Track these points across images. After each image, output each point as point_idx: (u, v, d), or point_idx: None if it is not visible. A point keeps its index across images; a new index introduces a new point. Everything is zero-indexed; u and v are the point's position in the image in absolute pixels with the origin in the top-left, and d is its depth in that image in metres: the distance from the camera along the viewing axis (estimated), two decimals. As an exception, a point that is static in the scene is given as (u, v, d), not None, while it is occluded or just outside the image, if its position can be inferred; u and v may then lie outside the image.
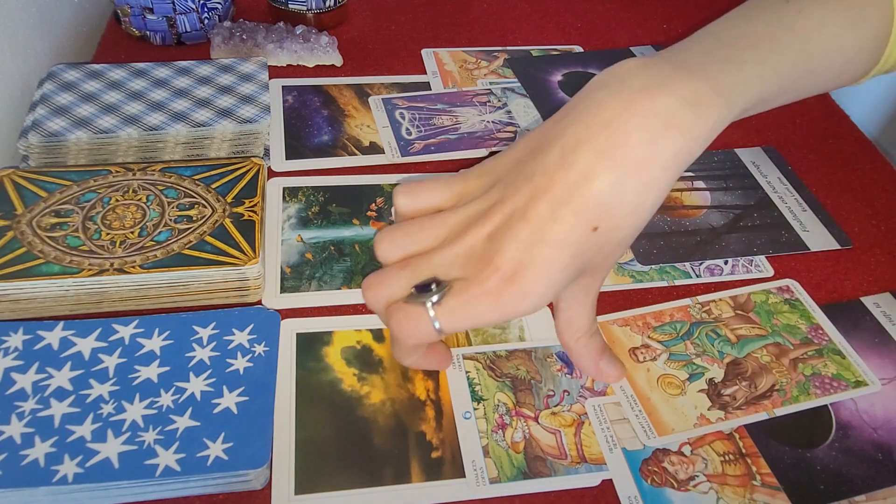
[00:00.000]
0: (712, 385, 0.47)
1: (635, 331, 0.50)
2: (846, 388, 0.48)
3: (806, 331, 0.51)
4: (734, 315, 0.52)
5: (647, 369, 0.48)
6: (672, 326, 0.51)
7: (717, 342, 0.50)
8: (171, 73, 0.67)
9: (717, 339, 0.50)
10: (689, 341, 0.50)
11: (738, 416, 0.46)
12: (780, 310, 0.52)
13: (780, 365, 0.49)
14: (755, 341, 0.50)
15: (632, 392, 0.47)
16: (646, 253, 0.57)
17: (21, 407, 0.43)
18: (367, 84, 0.73)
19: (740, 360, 0.49)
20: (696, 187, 0.63)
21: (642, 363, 0.48)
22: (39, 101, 0.62)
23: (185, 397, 0.44)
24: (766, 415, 0.46)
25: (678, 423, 0.45)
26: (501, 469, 0.43)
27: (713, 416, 0.46)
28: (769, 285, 0.54)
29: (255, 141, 0.62)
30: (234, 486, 0.42)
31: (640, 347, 0.49)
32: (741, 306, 0.52)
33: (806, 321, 0.52)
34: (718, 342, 0.50)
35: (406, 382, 0.47)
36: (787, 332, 0.51)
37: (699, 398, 0.47)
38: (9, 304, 0.48)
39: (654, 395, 0.47)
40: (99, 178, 0.56)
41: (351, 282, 0.53)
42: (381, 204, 0.60)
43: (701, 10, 0.89)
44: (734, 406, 0.46)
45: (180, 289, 0.50)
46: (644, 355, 0.49)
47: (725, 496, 0.43)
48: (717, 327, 0.51)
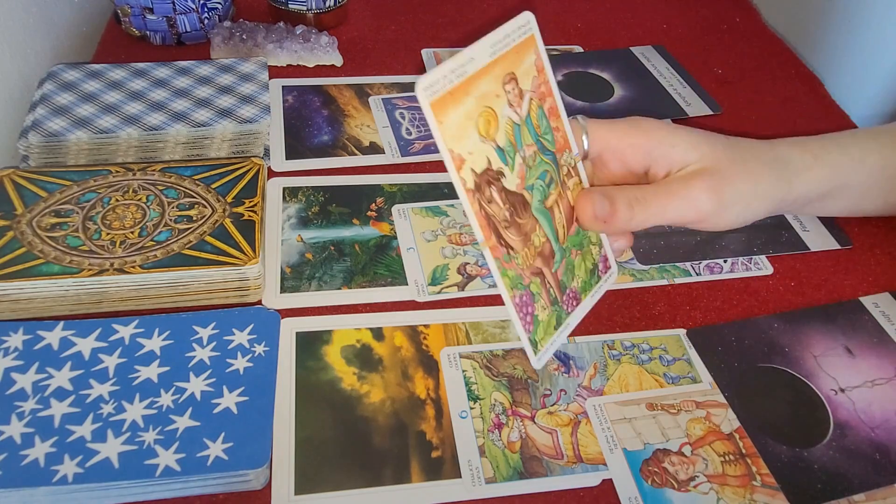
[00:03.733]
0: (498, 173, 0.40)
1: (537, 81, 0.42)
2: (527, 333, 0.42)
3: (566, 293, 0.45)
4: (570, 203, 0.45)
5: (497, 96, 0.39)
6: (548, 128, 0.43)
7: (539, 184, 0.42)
8: (171, 73, 0.67)
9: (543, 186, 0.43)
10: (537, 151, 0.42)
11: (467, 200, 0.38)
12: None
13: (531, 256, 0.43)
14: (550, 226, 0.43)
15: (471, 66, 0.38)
16: (646, 252, 0.57)
17: (21, 407, 0.43)
18: (367, 84, 0.73)
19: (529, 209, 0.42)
20: (695, 187, 0.63)
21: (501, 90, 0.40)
22: (39, 101, 0.62)
23: (185, 397, 0.44)
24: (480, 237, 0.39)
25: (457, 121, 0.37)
26: (497, 469, 0.43)
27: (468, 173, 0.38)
28: None
29: (255, 141, 0.62)
30: (234, 486, 0.42)
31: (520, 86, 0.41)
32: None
33: (581, 289, 0.46)
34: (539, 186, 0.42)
35: (406, 381, 0.47)
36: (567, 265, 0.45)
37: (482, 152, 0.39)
38: (9, 304, 0.49)
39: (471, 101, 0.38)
40: (99, 178, 0.56)
41: (351, 282, 0.53)
42: (381, 204, 0.60)
43: (701, 10, 0.89)
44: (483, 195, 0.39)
45: (180, 289, 0.50)
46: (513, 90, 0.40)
47: (726, 496, 0.43)
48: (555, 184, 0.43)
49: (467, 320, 0.51)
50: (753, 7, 0.91)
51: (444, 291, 0.53)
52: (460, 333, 0.50)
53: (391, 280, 0.54)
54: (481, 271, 0.55)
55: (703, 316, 0.53)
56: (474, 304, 0.53)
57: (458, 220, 0.59)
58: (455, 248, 0.56)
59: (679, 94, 0.74)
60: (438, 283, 0.54)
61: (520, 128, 0.41)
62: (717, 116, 0.72)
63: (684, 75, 0.76)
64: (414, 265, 0.55)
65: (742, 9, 0.90)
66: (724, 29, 0.86)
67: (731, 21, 0.87)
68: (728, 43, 0.83)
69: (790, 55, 0.82)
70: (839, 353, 0.51)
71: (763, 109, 0.74)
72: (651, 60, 0.79)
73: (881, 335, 0.52)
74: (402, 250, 0.56)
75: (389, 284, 0.53)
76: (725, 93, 0.75)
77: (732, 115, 0.72)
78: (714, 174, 0.44)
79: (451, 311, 0.52)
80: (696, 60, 0.79)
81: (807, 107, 0.74)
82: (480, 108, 0.38)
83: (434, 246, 0.56)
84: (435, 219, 0.59)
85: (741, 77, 0.78)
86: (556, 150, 0.43)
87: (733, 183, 0.45)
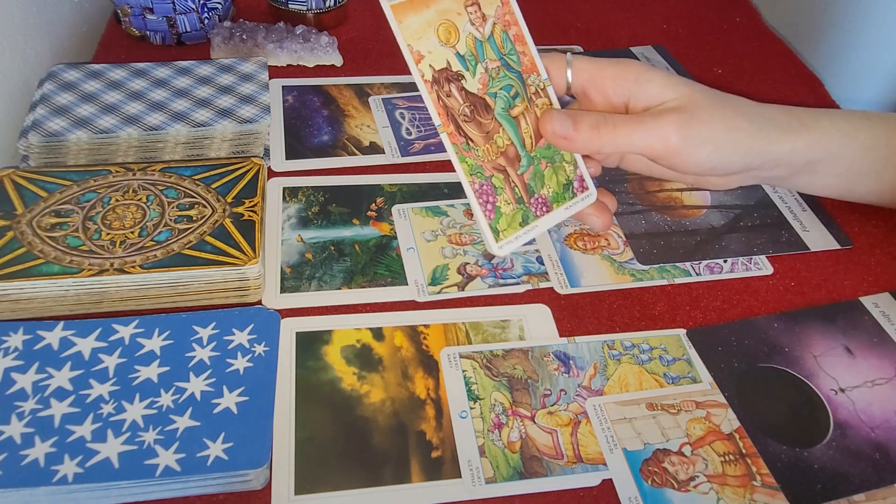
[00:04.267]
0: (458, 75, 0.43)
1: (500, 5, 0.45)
2: (488, 221, 0.44)
3: (539, 192, 0.46)
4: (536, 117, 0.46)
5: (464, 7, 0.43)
6: (512, 48, 0.46)
7: (503, 93, 0.45)
8: (171, 73, 0.67)
9: (507, 96, 0.45)
10: (501, 65, 0.45)
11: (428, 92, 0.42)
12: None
13: (495, 155, 0.45)
14: (515, 130, 0.45)
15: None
16: (646, 253, 0.57)
17: (21, 407, 0.43)
18: (367, 84, 0.73)
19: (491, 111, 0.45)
20: (695, 187, 0.63)
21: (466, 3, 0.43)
22: (39, 101, 0.62)
23: (185, 397, 0.44)
24: (438, 122, 0.43)
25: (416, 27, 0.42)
26: (497, 469, 0.43)
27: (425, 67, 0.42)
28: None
29: (255, 141, 0.62)
30: (234, 486, 0.42)
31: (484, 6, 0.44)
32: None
33: (552, 198, 0.47)
34: (503, 95, 0.45)
35: (406, 381, 0.47)
36: (534, 170, 0.46)
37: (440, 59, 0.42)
38: (9, 304, 0.49)
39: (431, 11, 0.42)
40: (99, 178, 0.56)
41: (351, 282, 0.53)
42: (381, 204, 0.60)
43: (701, 10, 0.89)
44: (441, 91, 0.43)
45: (180, 289, 0.50)
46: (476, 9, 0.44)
47: (726, 496, 0.43)
48: (522, 97, 0.46)
49: (467, 320, 0.51)
50: (753, 7, 0.91)
51: (444, 291, 0.53)
52: (460, 333, 0.51)
53: (391, 280, 0.54)
54: (481, 271, 0.55)
55: (703, 316, 0.53)
56: (474, 304, 0.53)
57: (458, 221, 0.59)
58: (455, 248, 0.56)
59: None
60: (438, 283, 0.54)
61: (482, 44, 0.44)
62: (717, 116, 0.72)
63: (684, 75, 0.76)
64: (414, 265, 0.55)
65: (742, 9, 0.90)
66: (724, 29, 0.86)
67: (731, 21, 0.87)
68: (728, 43, 0.83)
69: (790, 55, 0.82)
70: (839, 353, 0.51)
71: (763, 109, 0.74)
72: (651, 60, 0.79)
73: (881, 335, 0.52)
74: (402, 250, 0.56)
75: (389, 284, 0.53)
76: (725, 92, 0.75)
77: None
78: (687, 111, 0.45)
79: (451, 311, 0.52)
80: (696, 60, 0.79)
81: (807, 107, 0.74)
82: (441, 19, 0.42)
83: (434, 246, 0.56)
84: (435, 219, 0.59)
85: (741, 77, 0.78)
86: (523, 70, 0.46)
87: (706, 123, 0.45)
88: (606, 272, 0.55)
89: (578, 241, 0.58)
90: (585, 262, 0.56)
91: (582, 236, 0.58)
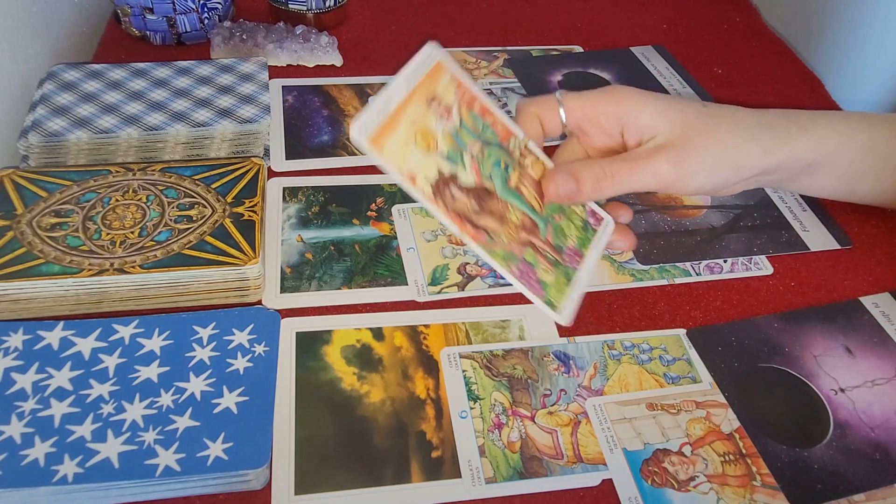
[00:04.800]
0: (452, 177, 0.42)
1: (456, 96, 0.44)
2: (540, 295, 0.44)
3: (567, 245, 0.47)
4: (535, 180, 0.47)
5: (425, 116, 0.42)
6: (484, 127, 0.45)
7: (497, 171, 0.45)
8: (171, 73, 0.67)
9: (501, 171, 0.45)
10: (482, 145, 0.44)
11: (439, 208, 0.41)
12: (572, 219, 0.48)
13: (516, 232, 0.45)
14: (522, 202, 0.45)
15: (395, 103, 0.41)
16: (646, 252, 0.57)
17: (21, 407, 0.43)
18: (367, 84, 0.73)
19: (494, 195, 0.44)
20: (695, 187, 0.63)
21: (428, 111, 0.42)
22: (39, 101, 0.62)
23: (185, 397, 0.44)
24: (457, 230, 0.42)
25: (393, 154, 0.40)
26: (497, 469, 0.43)
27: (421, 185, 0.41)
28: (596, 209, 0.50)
29: (255, 141, 0.62)
30: (234, 486, 0.42)
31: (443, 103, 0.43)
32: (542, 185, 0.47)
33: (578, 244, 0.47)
34: (498, 172, 0.45)
35: (406, 381, 0.47)
36: (553, 229, 0.47)
37: (431, 168, 0.41)
38: (9, 304, 0.49)
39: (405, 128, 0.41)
40: (99, 178, 0.56)
41: (351, 282, 0.53)
42: (381, 204, 0.60)
43: (701, 10, 0.89)
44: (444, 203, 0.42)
45: (180, 289, 0.50)
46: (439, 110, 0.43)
47: (726, 496, 0.43)
48: (512, 167, 0.46)
49: (467, 320, 0.51)
50: (753, 7, 0.91)
51: (444, 291, 0.53)
52: (460, 333, 0.51)
53: (391, 280, 0.54)
54: (481, 271, 0.55)
55: (703, 316, 0.53)
56: (474, 304, 0.53)
57: (458, 220, 0.59)
58: (455, 248, 0.56)
59: (679, 94, 0.74)
60: (438, 283, 0.54)
61: (458, 132, 0.43)
62: (717, 116, 0.72)
63: (684, 75, 0.76)
64: (414, 265, 0.55)
65: (742, 9, 0.90)
66: (724, 29, 0.86)
67: (731, 21, 0.87)
68: (728, 43, 0.83)
69: (790, 55, 0.82)
70: (839, 353, 0.51)
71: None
72: (651, 60, 0.79)
73: (881, 335, 0.52)
74: (402, 250, 0.56)
75: (389, 284, 0.53)
76: (725, 93, 0.75)
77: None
78: (678, 145, 0.46)
79: (451, 311, 0.52)
80: (696, 60, 0.79)
81: (807, 107, 0.74)
82: (413, 130, 0.41)
83: (434, 246, 0.56)
84: (435, 219, 0.59)
85: (741, 77, 0.78)
86: (501, 139, 0.46)
87: (697, 152, 0.46)
88: (606, 272, 0.55)
89: (578, 241, 0.58)
90: (585, 262, 0.56)
91: (582, 236, 0.58)
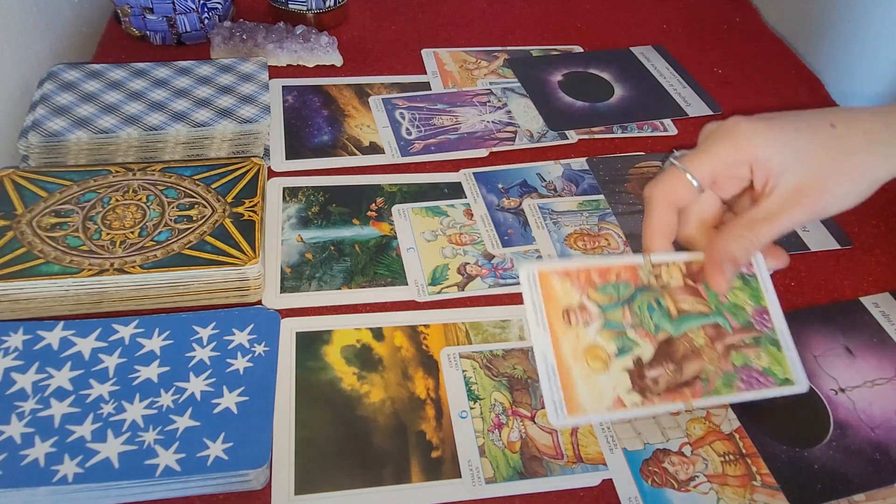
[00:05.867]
0: (638, 364, 0.44)
1: (575, 286, 0.46)
2: (772, 384, 0.45)
3: (751, 313, 0.48)
4: (683, 285, 0.48)
5: (577, 336, 0.44)
6: (615, 288, 0.47)
7: (655, 314, 0.46)
8: (171, 73, 0.67)
9: (658, 310, 0.46)
10: (628, 308, 0.46)
11: (655, 402, 0.43)
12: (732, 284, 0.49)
13: (713, 350, 0.46)
14: (695, 319, 0.47)
15: (553, 362, 0.43)
16: (645, 253, 0.57)
17: (21, 407, 0.43)
18: (367, 84, 0.73)
19: (674, 339, 0.46)
20: (695, 187, 0.63)
21: (573, 327, 0.44)
22: (39, 101, 0.62)
23: (185, 397, 0.44)
24: (682, 405, 0.43)
25: (592, 404, 0.42)
26: (497, 469, 0.43)
27: (630, 399, 0.43)
28: None
29: (255, 141, 0.62)
30: (234, 486, 0.42)
31: (576, 308, 0.45)
32: (692, 275, 0.48)
33: (754, 301, 0.48)
34: (657, 314, 0.46)
35: (406, 381, 0.47)
36: (730, 313, 0.47)
37: (621, 378, 0.43)
38: (9, 304, 0.49)
39: (575, 368, 0.43)
40: (99, 178, 0.56)
41: (351, 282, 0.53)
42: (381, 204, 0.60)
43: (701, 10, 0.89)
44: (654, 391, 0.44)
45: (180, 289, 0.50)
46: (577, 318, 0.45)
47: (726, 496, 0.43)
48: (661, 296, 0.47)
49: (467, 320, 0.51)
50: (753, 7, 0.91)
51: (444, 291, 0.53)
52: (460, 333, 0.50)
53: (391, 280, 0.54)
54: (481, 271, 0.55)
55: (703, 316, 0.53)
56: (474, 304, 0.53)
57: (458, 221, 0.59)
58: (455, 248, 0.56)
59: (679, 94, 0.74)
60: (438, 283, 0.54)
61: (607, 320, 0.45)
62: (717, 116, 0.72)
63: (684, 75, 0.76)
64: (414, 265, 0.55)
65: (742, 9, 0.90)
66: (724, 29, 0.86)
67: (731, 21, 0.87)
68: (728, 43, 0.83)
69: (790, 55, 0.82)
70: (839, 353, 0.51)
71: (763, 109, 0.73)
72: (651, 60, 0.79)
73: (881, 335, 0.52)
74: (402, 250, 0.56)
75: (389, 284, 0.53)
76: (725, 93, 0.75)
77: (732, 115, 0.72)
78: (812, 192, 0.45)
79: (451, 311, 0.52)
80: (696, 60, 0.79)
81: (807, 107, 0.74)
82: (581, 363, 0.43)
83: (434, 246, 0.56)
84: (435, 219, 0.59)
85: (741, 77, 0.78)
86: (634, 282, 0.46)
87: (832, 192, 0.45)
88: (606, 272, 0.55)
89: (578, 241, 0.58)
90: (585, 262, 0.56)
91: (582, 236, 0.58)
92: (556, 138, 0.68)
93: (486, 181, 0.62)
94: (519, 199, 0.61)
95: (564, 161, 0.65)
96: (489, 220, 0.59)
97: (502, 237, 0.57)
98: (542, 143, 0.67)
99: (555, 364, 0.43)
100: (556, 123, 0.69)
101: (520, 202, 0.61)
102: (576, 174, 0.64)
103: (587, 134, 0.68)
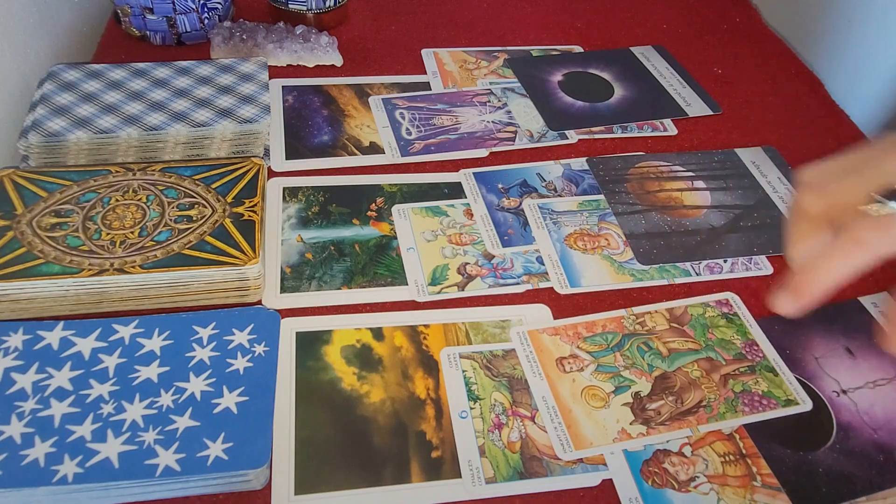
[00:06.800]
0: (637, 399, 0.46)
1: (565, 340, 0.49)
2: (776, 406, 0.47)
3: (740, 346, 0.50)
4: (668, 328, 0.51)
5: (573, 380, 0.47)
6: (603, 337, 0.49)
7: (647, 355, 0.49)
8: (171, 73, 0.67)
9: (648, 351, 0.49)
10: (619, 353, 0.49)
11: (661, 431, 0.45)
12: (716, 324, 0.51)
13: (710, 380, 0.48)
14: (686, 355, 0.49)
15: (553, 404, 0.46)
16: (646, 252, 0.57)
17: (21, 407, 0.43)
18: (367, 84, 0.73)
19: (669, 374, 0.48)
20: (696, 187, 0.63)
21: (568, 374, 0.47)
22: (39, 101, 0.62)
23: (185, 397, 0.44)
24: (689, 431, 0.45)
25: (597, 437, 0.45)
26: (497, 469, 0.43)
27: (634, 430, 0.45)
28: (708, 298, 0.53)
29: (255, 141, 0.62)
30: (234, 486, 0.42)
31: (568, 357, 0.48)
32: (676, 319, 0.51)
33: (741, 336, 0.50)
34: (649, 355, 0.49)
35: (406, 381, 0.47)
36: (720, 347, 0.50)
37: (622, 412, 0.46)
38: (9, 304, 0.48)
39: (576, 408, 0.46)
40: (99, 178, 0.56)
41: (351, 282, 0.53)
42: (381, 204, 0.60)
43: (701, 10, 0.89)
44: (657, 421, 0.45)
45: (180, 289, 0.50)
46: (571, 365, 0.48)
47: (726, 497, 0.43)
48: (650, 339, 0.49)
49: (467, 320, 0.51)
50: (753, 7, 0.91)
51: (444, 291, 0.53)
52: (460, 333, 0.50)
53: (391, 280, 0.54)
54: (481, 271, 0.55)
55: (704, 316, 0.53)
56: (474, 304, 0.53)
57: (458, 221, 0.59)
58: (455, 248, 0.56)
59: (679, 95, 0.74)
60: (438, 283, 0.54)
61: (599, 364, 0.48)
62: (717, 116, 0.72)
63: (684, 75, 0.76)
64: (414, 265, 0.55)
65: (742, 9, 0.90)
66: (724, 29, 0.86)
67: (731, 21, 0.87)
68: (728, 43, 0.83)
69: (790, 55, 0.82)
70: (840, 354, 0.51)
71: (763, 109, 0.74)
72: (651, 60, 0.79)
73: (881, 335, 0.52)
74: (402, 250, 0.56)
75: (389, 284, 0.53)
76: (725, 93, 0.75)
77: (732, 115, 0.72)
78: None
79: (451, 311, 0.52)
80: (696, 60, 0.79)
81: (807, 107, 0.74)
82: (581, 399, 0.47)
83: (434, 246, 0.56)
84: (435, 219, 0.59)
85: (741, 77, 0.78)
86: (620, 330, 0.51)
87: None
88: (606, 272, 0.55)
89: (578, 241, 0.58)
90: (585, 261, 0.56)
91: (582, 236, 0.58)
92: (556, 138, 0.68)
93: (486, 181, 0.62)
94: (519, 199, 0.61)
95: (564, 161, 0.65)
96: (489, 220, 0.59)
97: (502, 237, 0.57)
98: (542, 143, 0.67)
99: (555, 405, 0.46)
100: (556, 123, 0.69)
101: (520, 202, 0.61)
102: (576, 174, 0.64)
103: (587, 134, 0.68)
